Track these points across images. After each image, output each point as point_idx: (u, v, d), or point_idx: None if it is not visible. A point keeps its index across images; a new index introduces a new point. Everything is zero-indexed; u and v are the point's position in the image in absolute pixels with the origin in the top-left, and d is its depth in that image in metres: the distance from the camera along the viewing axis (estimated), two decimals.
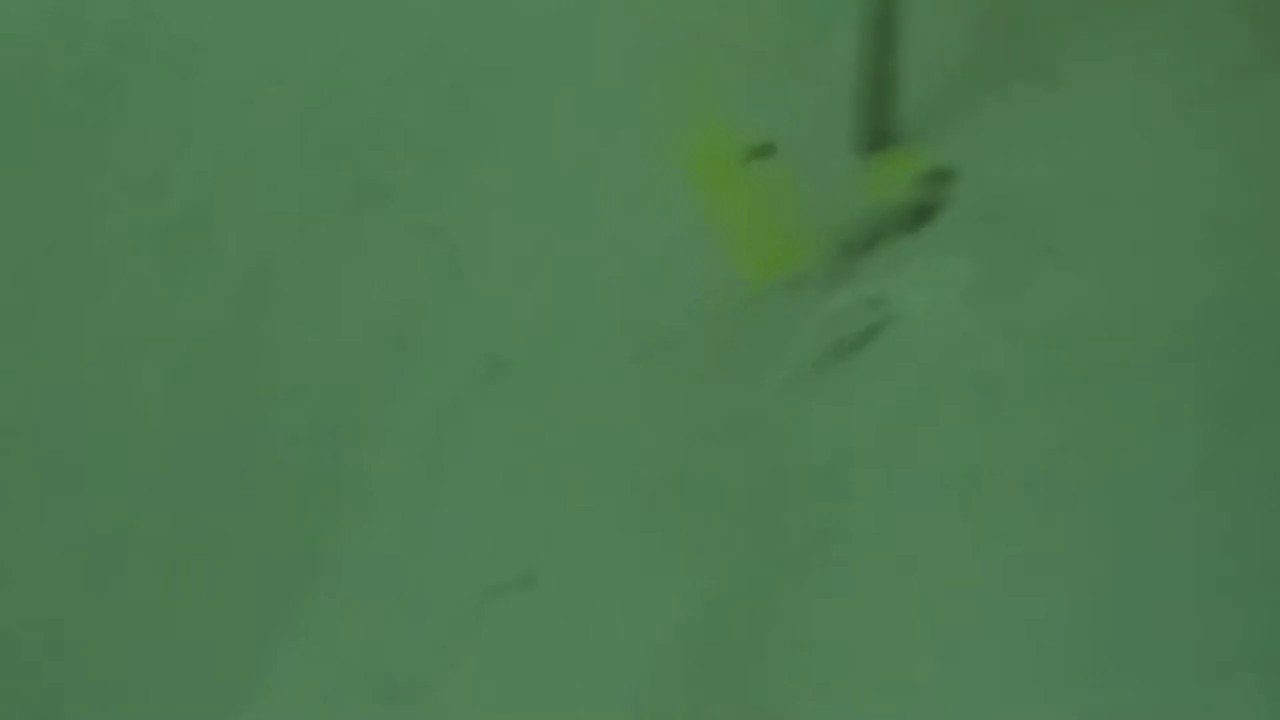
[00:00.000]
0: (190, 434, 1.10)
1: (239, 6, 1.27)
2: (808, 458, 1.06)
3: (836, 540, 1.02)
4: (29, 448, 1.12)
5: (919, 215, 1.13)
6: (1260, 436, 1.01)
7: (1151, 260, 1.08)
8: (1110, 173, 1.12)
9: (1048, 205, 1.11)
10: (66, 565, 1.07)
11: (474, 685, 1.01)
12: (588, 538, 1.06)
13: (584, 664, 1.00)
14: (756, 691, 0.97)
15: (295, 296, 1.15)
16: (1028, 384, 1.04)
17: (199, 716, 1.00)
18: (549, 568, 1.05)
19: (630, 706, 0.98)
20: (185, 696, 1.01)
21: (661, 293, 1.13)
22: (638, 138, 1.19)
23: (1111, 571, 0.98)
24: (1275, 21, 1.15)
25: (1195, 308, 1.05)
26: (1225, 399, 1.02)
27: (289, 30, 1.24)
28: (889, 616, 0.99)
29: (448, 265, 1.15)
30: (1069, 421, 1.03)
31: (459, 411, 1.10)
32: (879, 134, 1.14)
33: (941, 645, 0.97)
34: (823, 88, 1.17)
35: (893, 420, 1.06)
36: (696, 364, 1.10)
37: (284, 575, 1.05)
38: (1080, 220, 1.10)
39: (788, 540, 1.02)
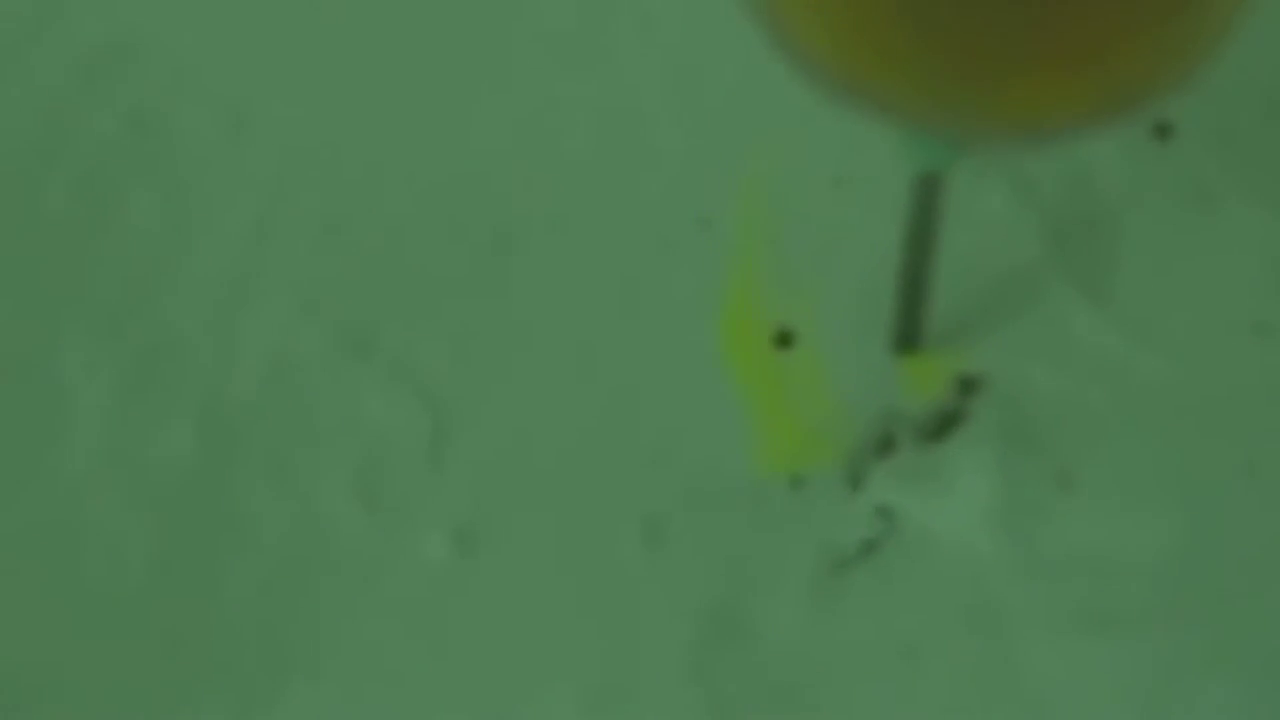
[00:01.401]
0: (133, 578, 1.03)
1: (237, 125, 1.20)
2: (785, 673, 0.98)
3: None
4: None
5: (942, 424, 1.06)
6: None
7: (1184, 503, 1.00)
8: (1151, 400, 1.05)
9: (1081, 429, 1.03)
10: None
11: None
12: None
13: None
14: None
15: (262, 441, 1.07)
16: (1034, 624, 0.96)
17: None
18: None
19: None
20: None
21: (659, 475, 1.06)
22: (656, 309, 1.12)
23: None
24: None
25: (1223, 559, 0.98)
26: (1247, 660, 0.95)
27: (288, 158, 1.17)
28: None
29: (430, 424, 1.08)
30: (1074, 668, 0.95)
31: (418, 586, 1.03)
32: (910, 335, 1.07)
33: None
34: (859, 280, 1.10)
35: (884, 644, 0.98)
36: (684, 556, 1.03)
37: None
38: (1113, 449, 1.02)
39: None
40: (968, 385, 1.07)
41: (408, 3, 1.22)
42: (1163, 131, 1.13)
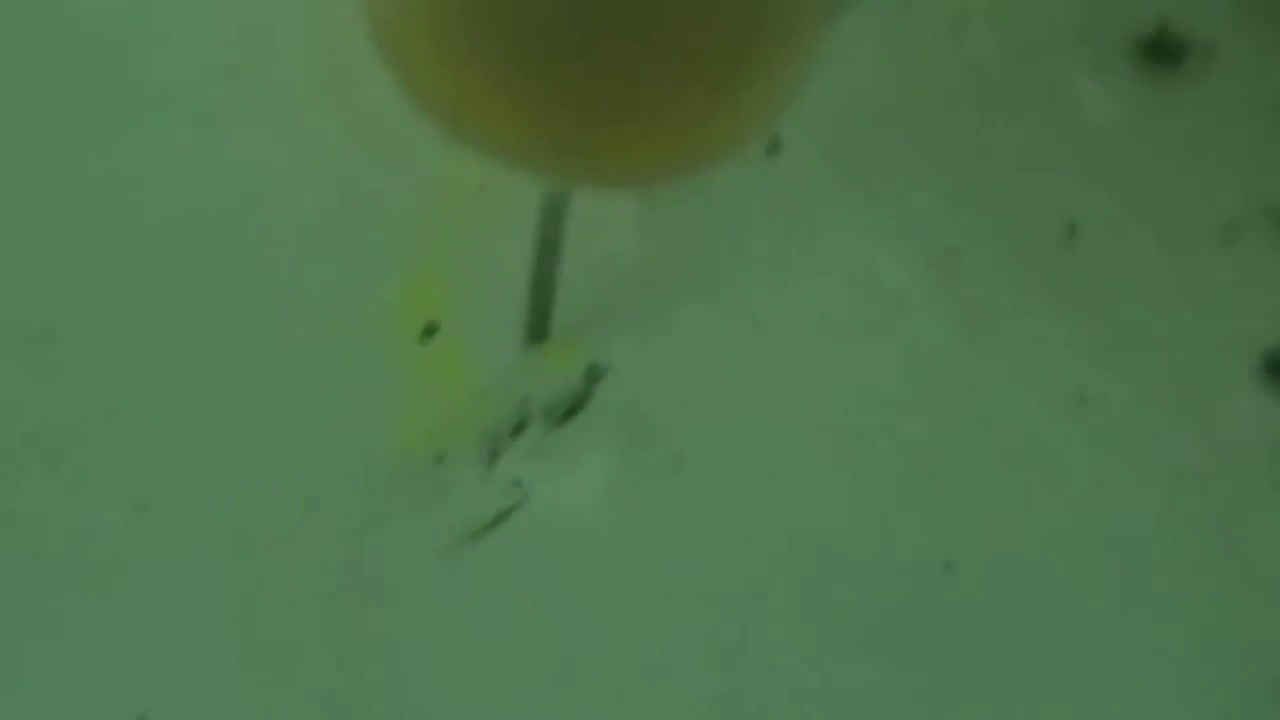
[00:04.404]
0: None
1: None
2: (414, 629, 1.08)
3: None
4: None
5: (569, 408, 1.17)
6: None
7: (773, 484, 1.13)
8: (752, 387, 1.17)
9: (691, 412, 1.16)
10: None
11: None
12: (198, 689, 1.05)
13: None
14: None
15: None
16: (638, 593, 1.08)
17: None
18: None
19: None
20: None
21: (304, 456, 1.13)
22: (304, 300, 1.19)
23: None
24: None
25: (810, 541, 1.11)
26: (819, 626, 1.08)
27: None
28: None
29: (108, 404, 1.13)
30: (670, 634, 1.08)
31: (90, 548, 1.09)
32: (540, 326, 1.18)
33: None
34: (498, 277, 1.19)
35: (507, 606, 1.09)
36: (326, 530, 1.11)
37: None
38: (717, 433, 1.15)
39: None
40: (593, 372, 1.18)
41: None
42: (774, 147, 1.24)
